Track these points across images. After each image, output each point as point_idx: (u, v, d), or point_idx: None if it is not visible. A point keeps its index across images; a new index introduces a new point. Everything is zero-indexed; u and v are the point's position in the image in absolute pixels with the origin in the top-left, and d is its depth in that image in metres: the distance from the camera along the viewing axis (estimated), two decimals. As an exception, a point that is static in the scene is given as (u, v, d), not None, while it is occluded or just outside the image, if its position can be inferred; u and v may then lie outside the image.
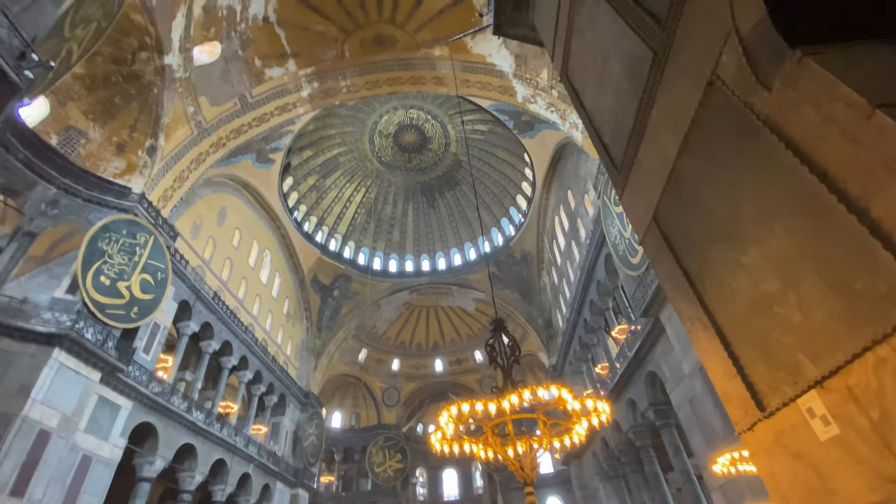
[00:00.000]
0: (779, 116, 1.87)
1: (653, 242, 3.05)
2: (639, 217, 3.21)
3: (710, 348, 2.53)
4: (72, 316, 12.98)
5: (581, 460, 28.45)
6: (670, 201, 2.78)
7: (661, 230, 2.90)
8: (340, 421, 39.67)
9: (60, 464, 11.95)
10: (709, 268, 2.50)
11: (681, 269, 2.70)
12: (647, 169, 3.02)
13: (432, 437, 3.86)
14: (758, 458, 2.48)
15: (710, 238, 2.45)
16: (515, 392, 3.39)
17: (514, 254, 34.39)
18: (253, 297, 26.61)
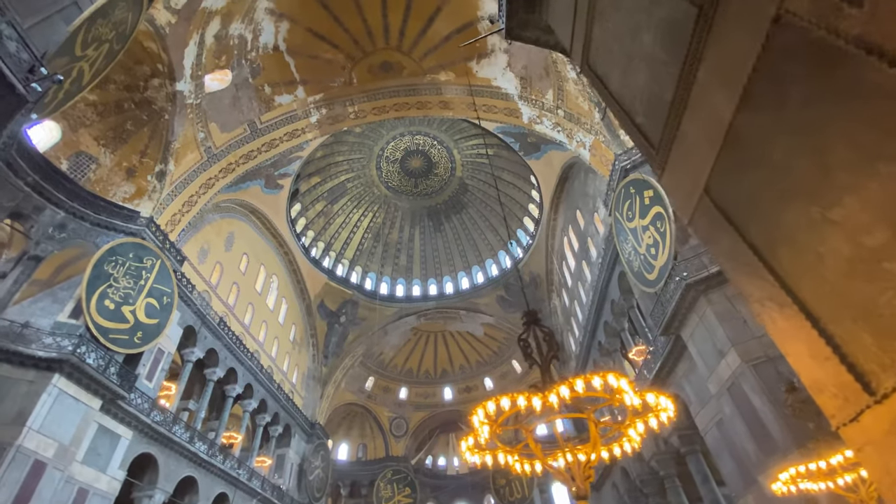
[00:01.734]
0: (876, 33, 1.58)
1: (705, 220, 2.71)
2: (684, 195, 2.89)
3: (791, 329, 2.16)
4: (74, 341, 12.67)
5: (600, 493, 27.00)
6: (726, 169, 2.47)
7: (716, 203, 2.58)
8: (347, 453, 38.34)
9: (55, 497, 11.35)
10: (784, 235, 2.16)
11: (745, 244, 2.36)
12: (694, 139, 2.73)
13: (463, 445, 3.39)
14: (866, 454, 2.05)
15: (784, 200, 2.13)
16: (565, 383, 2.95)
17: (522, 276, 33.86)
18: (259, 323, 26.21)
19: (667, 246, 12.66)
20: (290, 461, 26.90)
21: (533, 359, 3.30)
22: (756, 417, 10.12)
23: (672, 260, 12.58)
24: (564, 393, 2.88)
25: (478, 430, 3.08)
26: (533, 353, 3.39)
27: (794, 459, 8.77)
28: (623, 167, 15.45)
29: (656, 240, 13.23)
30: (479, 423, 2.98)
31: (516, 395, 3.01)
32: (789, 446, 9.17)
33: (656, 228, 13.24)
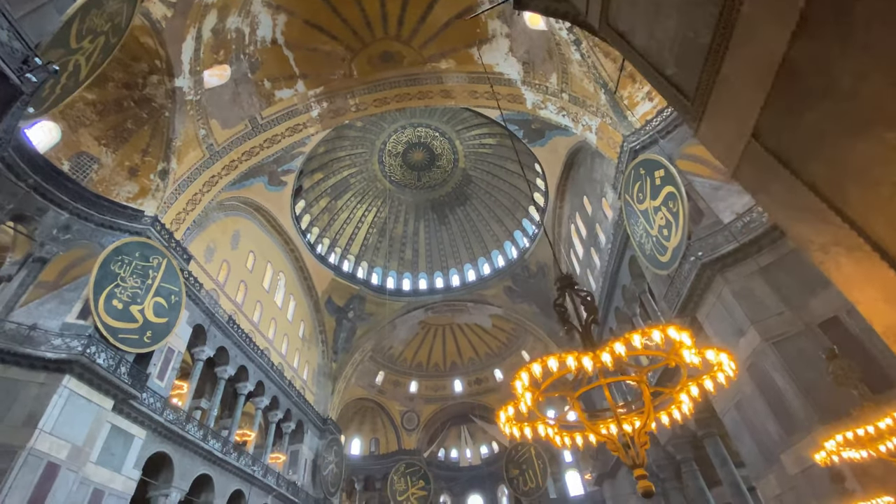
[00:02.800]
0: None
1: (753, 168, 2.49)
2: (727, 145, 2.66)
3: (861, 274, 1.95)
4: (83, 341, 12.60)
5: (615, 479, 26.90)
6: (779, 108, 2.24)
7: (767, 147, 2.35)
8: (360, 448, 38.47)
9: (70, 498, 11.33)
10: (853, 170, 1.94)
11: (804, 186, 2.14)
12: (739, 81, 2.50)
13: (500, 417, 3.17)
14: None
15: (853, 131, 1.91)
16: (620, 339, 2.72)
17: (529, 266, 33.68)
18: (268, 320, 26.18)
19: (680, 226, 12.38)
20: (304, 457, 26.96)
21: (570, 324, 3.08)
22: (778, 396, 9.89)
23: (686, 240, 12.31)
24: (620, 350, 2.65)
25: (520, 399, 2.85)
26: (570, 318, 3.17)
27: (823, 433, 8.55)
28: (632, 148, 15.13)
29: (668, 220, 12.95)
30: (521, 388, 2.75)
31: (564, 355, 2.78)
32: (813, 423, 8.95)
33: (668, 209, 12.95)
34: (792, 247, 10.56)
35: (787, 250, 10.61)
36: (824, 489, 8.69)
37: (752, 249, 11.15)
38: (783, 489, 10.75)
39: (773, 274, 10.69)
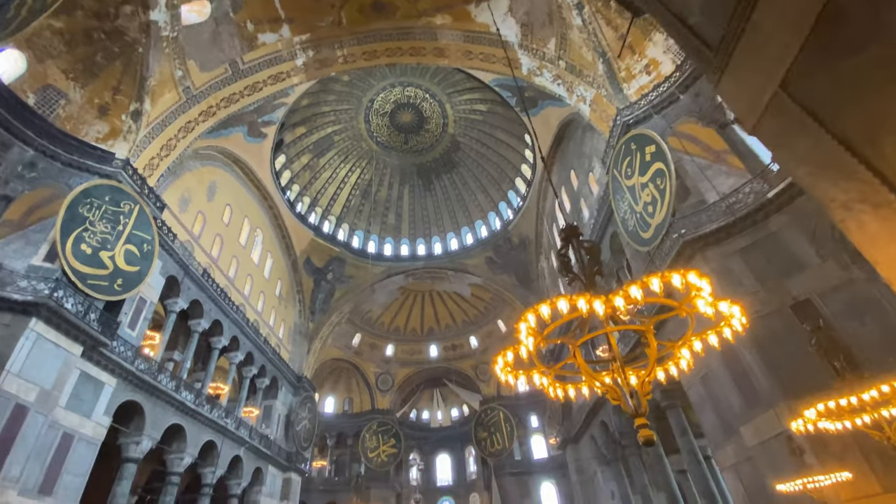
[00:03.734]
0: None
1: (777, 121, 2.40)
2: (750, 97, 2.56)
3: (889, 232, 1.91)
4: (50, 285, 12.09)
5: (578, 445, 28.24)
6: (816, 54, 2.13)
7: (796, 99, 2.26)
8: (333, 406, 39.12)
9: (39, 441, 11.15)
10: (893, 121, 1.87)
11: (833, 140, 2.07)
12: (772, 28, 2.37)
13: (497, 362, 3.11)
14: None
15: None
16: (637, 283, 2.65)
17: (511, 238, 33.84)
18: (244, 276, 25.72)
19: (665, 203, 12.48)
20: (278, 412, 27.24)
21: (575, 274, 3.02)
22: (744, 371, 10.35)
23: (670, 217, 12.44)
24: (636, 294, 2.60)
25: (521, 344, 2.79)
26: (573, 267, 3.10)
27: (785, 408, 9.03)
28: (625, 122, 15.00)
29: (655, 197, 13.03)
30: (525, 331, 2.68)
31: (576, 297, 2.68)
32: (776, 399, 9.43)
33: (656, 185, 13.00)
34: (773, 229, 10.82)
35: (767, 233, 10.86)
36: (781, 461, 9.25)
37: (733, 230, 11.37)
38: (739, 459, 11.44)
39: (751, 255, 10.97)
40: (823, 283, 9.41)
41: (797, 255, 10.21)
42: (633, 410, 2.68)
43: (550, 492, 35.11)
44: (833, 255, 9.89)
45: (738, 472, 11.61)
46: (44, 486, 11.35)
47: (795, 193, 10.86)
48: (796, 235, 10.50)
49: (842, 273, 9.53)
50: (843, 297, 9.07)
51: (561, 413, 29.25)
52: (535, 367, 3.00)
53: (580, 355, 2.74)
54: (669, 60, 15.01)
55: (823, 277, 9.63)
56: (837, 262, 9.78)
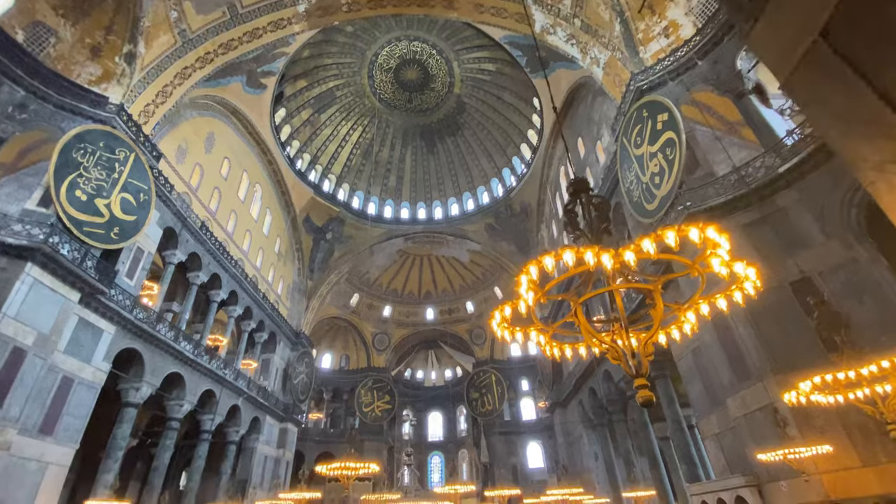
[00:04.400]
0: None
1: (813, 73, 2.19)
2: (785, 46, 2.34)
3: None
4: (45, 230, 11.96)
5: (566, 409, 29.12)
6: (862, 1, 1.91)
7: (837, 49, 2.05)
8: (330, 362, 40.00)
9: (38, 383, 11.37)
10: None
11: (874, 94, 1.88)
12: (817, -34, 2.13)
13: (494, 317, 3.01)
14: None
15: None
16: (650, 236, 2.54)
17: (513, 206, 33.51)
18: (243, 231, 25.59)
19: (673, 174, 12.19)
20: (275, 366, 27.86)
21: (581, 231, 2.89)
22: (736, 345, 10.44)
23: (676, 189, 12.18)
24: (648, 247, 2.47)
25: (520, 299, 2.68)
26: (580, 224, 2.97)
27: (774, 383, 9.16)
28: (639, 87, 14.44)
29: (662, 168, 12.71)
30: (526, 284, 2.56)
31: (583, 249, 2.52)
32: (765, 373, 9.55)
33: (665, 156, 12.65)
34: (781, 205, 10.61)
35: (774, 209, 10.66)
36: (763, 432, 9.48)
37: (740, 204, 11.17)
38: (722, 429, 11.74)
39: (756, 230, 10.82)
40: (825, 262, 9.31)
41: (802, 232, 10.06)
42: (634, 371, 2.61)
43: (536, 451, 36.54)
44: (838, 234, 9.74)
45: (720, 440, 11.95)
46: (44, 427, 11.68)
47: (807, 169, 10.59)
48: (803, 212, 10.31)
49: (845, 252, 9.42)
50: (844, 276, 9.00)
51: (552, 378, 29.99)
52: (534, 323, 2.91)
53: (581, 313, 2.65)
54: (690, 23, 14.28)
55: (826, 256, 9.53)
56: (842, 242, 9.65)
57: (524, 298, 2.60)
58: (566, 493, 18.87)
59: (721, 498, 10.89)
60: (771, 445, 8.69)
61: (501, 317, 2.95)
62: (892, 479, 7.40)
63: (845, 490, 7.86)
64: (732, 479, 10.57)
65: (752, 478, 9.95)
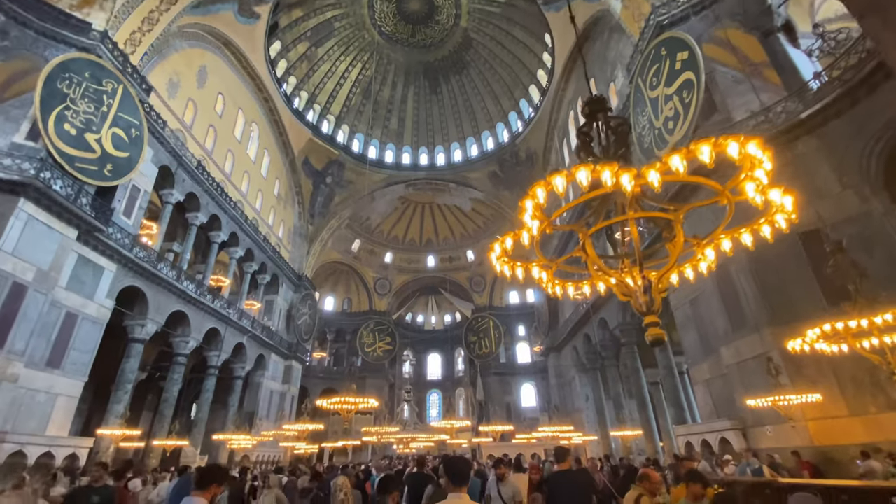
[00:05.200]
0: None
1: None
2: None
3: None
4: (35, 164, 11.62)
5: (560, 353, 30.04)
6: None
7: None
8: (333, 304, 40.84)
9: (42, 318, 11.54)
10: None
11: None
12: None
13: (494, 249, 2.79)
14: None
15: None
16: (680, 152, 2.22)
17: (518, 153, 32.52)
18: (241, 173, 25.06)
19: (688, 118, 11.56)
20: (279, 307, 28.41)
21: (595, 156, 2.64)
22: (735, 296, 10.42)
23: (691, 135, 11.61)
24: (676, 164, 2.19)
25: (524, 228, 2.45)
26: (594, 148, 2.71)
27: (769, 333, 9.22)
28: (659, 22, 13.40)
29: (678, 112, 12.05)
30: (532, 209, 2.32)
31: (600, 167, 2.14)
32: (761, 324, 9.59)
33: (681, 99, 11.95)
34: (800, 152, 10.16)
35: (793, 155, 10.21)
36: (753, 380, 9.69)
37: (755, 152, 10.68)
38: (713, 375, 12.04)
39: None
40: (839, 213, 9.05)
41: (817, 181, 9.69)
42: (645, 308, 2.46)
43: (530, 391, 38.25)
44: (855, 185, 9.39)
45: (710, 386, 12.31)
46: (51, 360, 12.02)
47: (830, 116, 10.03)
48: (821, 161, 9.88)
49: (860, 205, 9.13)
50: (856, 228, 8.77)
51: (548, 324, 30.68)
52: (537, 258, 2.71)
53: (590, 245, 2.46)
54: (722, -52, 12.95)
55: (840, 207, 9.24)
56: (857, 193, 9.33)
57: (528, 227, 2.38)
58: (557, 431, 19.88)
59: (706, 439, 11.39)
60: (760, 393, 8.91)
61: (502, 249, 2.74)
62: (879, 429, 7.64)
63: (830, 437, 8.14)
64: (719, 422, 10.98)
65: (737, 422, 10.33)
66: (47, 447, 10.96)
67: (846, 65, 9.93)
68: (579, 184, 2.24)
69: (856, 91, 9.61)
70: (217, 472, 2.82)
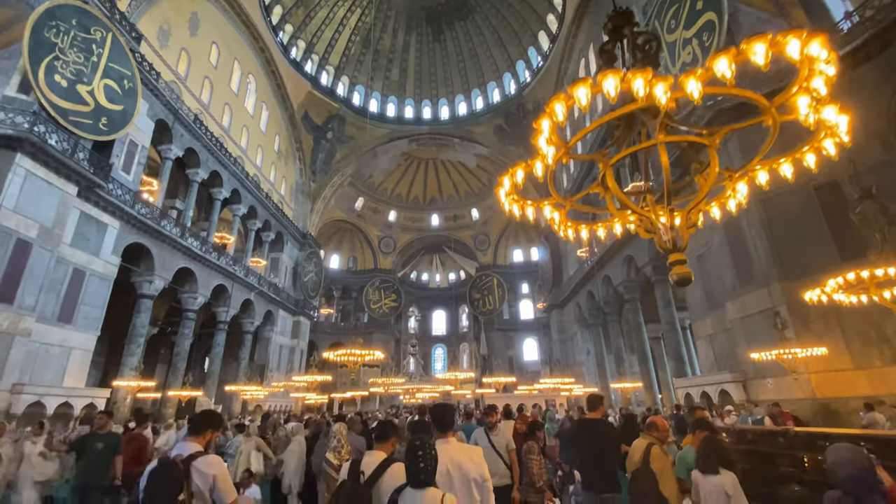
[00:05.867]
0: None
1: None
2: None
3: None
4: (29, 118, 11.28)
5: (563, 310, 30.39)
6: None
7: None
8: (338, 263, 41.12)
9: (50, 274, 11.62)
10: None
11: None
12: None
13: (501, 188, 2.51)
14: None
15: None
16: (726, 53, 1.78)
17: (525, 105, 31.36)
18: (239, 127, 24.44)
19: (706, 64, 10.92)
20: (284, 264, 28.61)
21: None
22: (745, 250, 10.26)
23: (708, 82, 11.01)
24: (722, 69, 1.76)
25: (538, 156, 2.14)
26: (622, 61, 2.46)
27: (777, 288, 9.14)
28: (680, -43, 12.35)
29: (696, 56, 11.38)
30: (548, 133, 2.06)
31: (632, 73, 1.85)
32: (771, 279, 9.48)
33: (700, 42, 11.25)
34: (823, 99, 9.64)
35: (814, 104, 9.69)
36: (758, 334, 9.70)
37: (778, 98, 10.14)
38: (716, 330, 12.11)
39: (788, 126, 9.95)
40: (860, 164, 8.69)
41: (840, 131, 9.25)
42: (671, 244, 2.28)
43: (532, 346, 39.13)
44: (879, 134, 8.96)
45: (712, 341, 12.42)
46: (62, 315, 12.24)
47: (859, 60, 9.43)
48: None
49: (883, 154, 8.75)
50: (876, 180, 8.42)
51: (551, 282, 30.83)
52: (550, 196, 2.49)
53: (611, 177, 2.26)
54: None
55: (862, 157, 8.86)
56: (881, 142, 8.92)
57: (543, 155, 2.15)
58: (558, 382, 20.42)
59: (706, 391, 11.62)
60: (764, 346, 8.94)
61: (511, 184, 2.54)
62: (884, 382, 7.70)
63: (833, 390, 8.24)
64: (719, 374, 11.15)
65: (738, 374, 10.47)
66: (65, 397, 11.38)
67: (880, 3, 9.23)
68: (606, 94, 2.01)
69: (888, 32, 8.98)
70: (212, 418, 2.75)
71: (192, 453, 2.44)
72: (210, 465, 2.41)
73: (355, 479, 2.38)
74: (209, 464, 2.41)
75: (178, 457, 2.41)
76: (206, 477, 2.36)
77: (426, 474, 2.00)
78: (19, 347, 10.55)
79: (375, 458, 2.44)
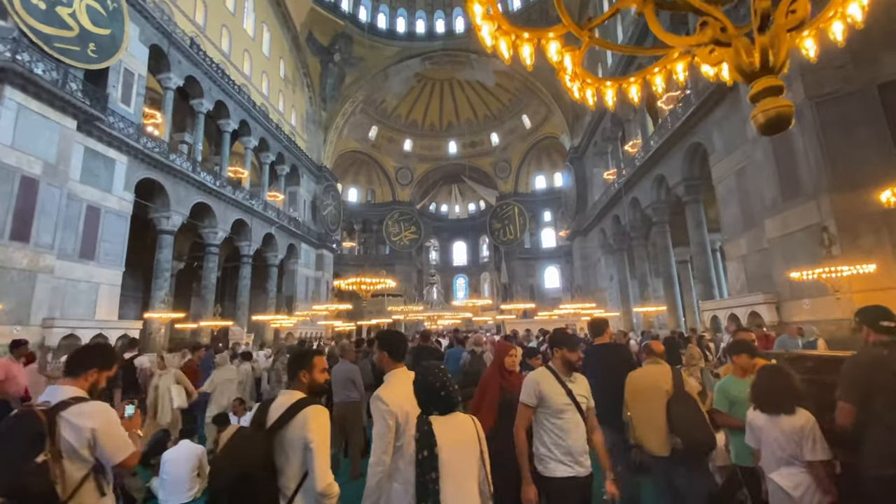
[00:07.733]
0: None
1: None
2: None
3: None
4: (9, 46, 10.61)
5: (586, 237, 29.62)
6: None
7: None
8: (357, 196, 40.74)
9: (63, 212, 11.60)
10: None
11: None
12: None
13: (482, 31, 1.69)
14: None
15: None
16: None
17: (549, 12, 28.17)
18: (240, 52, 23.02)
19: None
20: (302, 198, 28.42)
21: None
22: (792, 161, 9.14)
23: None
24: None
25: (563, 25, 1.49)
26: None
27: (827, 202, 8.20)
28: None
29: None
30: None
31: None
32: (820, 192, 8.48)
33: None
34: (914, -34, 7.89)
35: (898, -24, 7.96)
36: (797, 252, 8.91)
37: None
38: (750, 251, 11.32)
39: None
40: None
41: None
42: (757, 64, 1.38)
43: (553, 274, 39.02)
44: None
45: (745, 262, 11.69)
46: (84, 251, 12.44)
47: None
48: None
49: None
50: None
51: (575, 208, 29.76)
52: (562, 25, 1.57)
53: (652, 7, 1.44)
54: None
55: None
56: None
57: None
58: (578, 307, 20.33)
59: (734, 313, 11.13)
60: (805, 266, 8.21)
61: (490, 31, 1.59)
62: (940, 299, 6.98)
63: (877, 308, 7.58)
64: (751, 296, 10.56)
65: (772, 295, 9.86)
66: (98, 329, 11.90)
67: None
68: None
69: None
70: (99, 353, 2.07)
71: (64, 399, 1.85)
72: (86, 416, 1.83)
73: (259, 424, 1.94)
74: (85, 414, 1.83)
75: (44, 404, 1.82)
76: (81, 431, 1.80)
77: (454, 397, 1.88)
78: (44, 284, 10.84)
79: (286, 400, 1.97)
